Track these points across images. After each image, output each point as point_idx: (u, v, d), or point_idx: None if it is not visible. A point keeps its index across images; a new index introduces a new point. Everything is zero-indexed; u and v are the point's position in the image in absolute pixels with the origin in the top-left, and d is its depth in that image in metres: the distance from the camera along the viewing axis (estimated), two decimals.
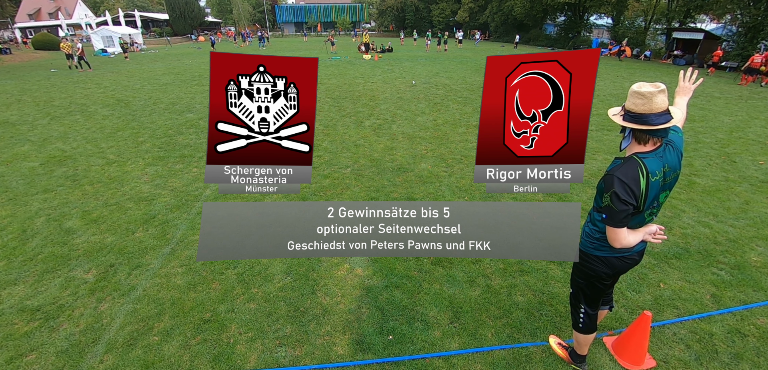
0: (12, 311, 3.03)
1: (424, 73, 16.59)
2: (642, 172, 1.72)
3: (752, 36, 20.51)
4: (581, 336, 2.34)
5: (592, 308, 2.24)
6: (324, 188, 5.25)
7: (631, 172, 1.73)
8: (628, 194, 1.72)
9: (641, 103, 1.71)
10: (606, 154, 6.53)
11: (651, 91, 1.69)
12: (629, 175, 1.73)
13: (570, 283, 2.32)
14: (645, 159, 1.75)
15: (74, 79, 15.30)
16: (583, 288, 2.21)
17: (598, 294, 2.19)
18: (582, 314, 2.26)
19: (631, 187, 1.72)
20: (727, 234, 4.07)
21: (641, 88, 1.71)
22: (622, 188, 1.72)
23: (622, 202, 1.73)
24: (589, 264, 2.09)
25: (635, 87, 1.74)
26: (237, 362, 2.59)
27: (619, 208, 1.74)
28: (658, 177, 1.75)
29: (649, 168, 1.73)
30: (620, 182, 1.73)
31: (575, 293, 2.28)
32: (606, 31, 36.12)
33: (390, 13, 62.40)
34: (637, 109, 1.73)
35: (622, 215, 1.75)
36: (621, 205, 1.73)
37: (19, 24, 48.96)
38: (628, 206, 1.74)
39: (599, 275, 2.08)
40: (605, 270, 2.05)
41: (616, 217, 1.76)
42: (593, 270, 2.08)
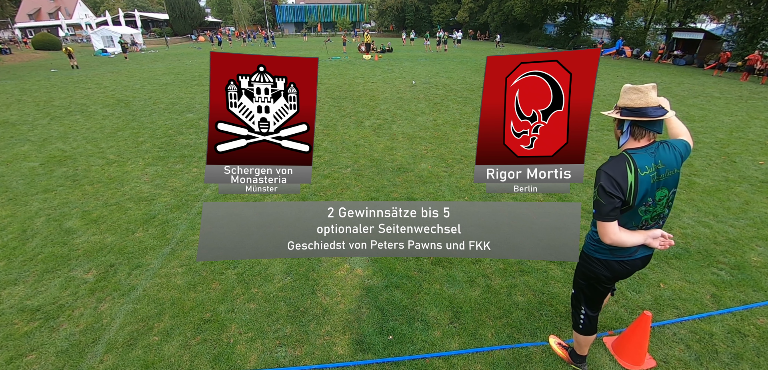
0: (12, 311, 3.03)
1: (424, 73, 16.59)
2: (630, 166, 1.76)
3: (752, 36, 20.50)
4: (581, 337, 2.34)
5: (593, 310, 2.24)
6: (324, 187, 5.25)
7: (619, 167, 1.77)
8: (614, 187, 1.75)
9: (637, 97, 1.76)
10: (606, 154, 6.53)
11: (646, 86, 1.76)
12: (616, 170, 1.77)
13: (573, 284, 2.33)
14: (634, 154, 1.78)
15: (74, 79, 15.30)
16: (584, 289, 2.21)
17: (598, 296, 2.19)
18: (582, 315, 2.26)
19: (617, 180, 1.75)
20: (727, 234, 4.07)
21: (635, 85, 1.79)
22: (608, 180, 1.76)
23: (608, 195, 1.76)
24: (590, 266, 2.10)
25: (628, 85, 1.81)
26: (237, 362, 2.59)
27: (605, 201, 1.78)
28: (648, 172, 1.77)
29: (638, 163, 1.76)
30: (606, 176, 1.77)
31: (576, 295, 2.29)
32: (606, 31, 36.13)
33: (390, 13, 62.40)
34: (633, 103, 1.78)
35: (608, 208, 1.78)
36: (607, 198, 1.77)
37: (19, 24, 48.97)
38: (613, 199, 1.77)
39: (599, 277, 2.08)
40: (605, 273, 2.05)
41: (602, 210, 1.80)
42: (593, 272, 2.09)
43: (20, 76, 16.75)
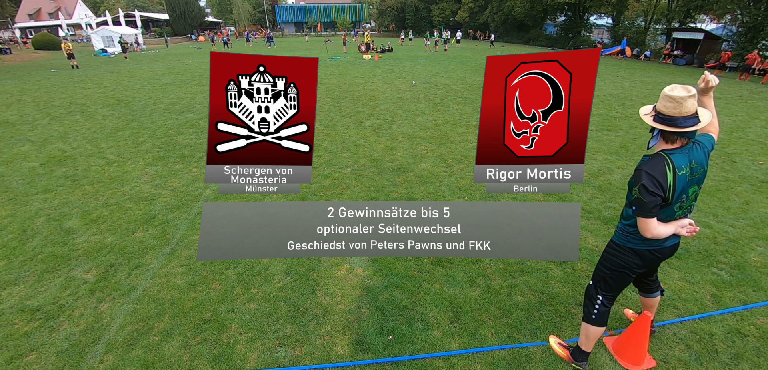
0: (12, 311, 3.03)
1: (424, 73, 16.59)
2: (669, 166, 1.85)
3: (752, 36, 20.50)
4: (592, 329, 2.36)
5: (610, 300, 2.32)
6: (324, 187, 5.25)
7: (659, 167, 1.85)
8: (656, 185, 1.84)
9: (672, 106, 1.82)
10: (606, 154, 6.54)
11: (682, 96, 1.80)
12: (656, 169, 1.85)
13: (592, 275, 2.39)
14: (672, 155, 1.87)
15: (74, 79, 15.30)
16: (606, 278, 2.27)
17: (620, 285, 2.28)
18: (598, 304, 2.31)
19: (659, 179, 1.84)
20: (727, 234, 4.07)
21: (673, 92, 1.82)
22: (650, 180, 1.84)
23: (650, 193, 1.85)
24: (621, 255, 2.18)
25: (668, 90, 1.85)
26: (237, 362, 2.59)
27: (647, 199, 1.86)
28: (684, 171, 1.87)
29: (676, 163, 1.85)
30: (648, 175, 1.85)
31: (595, 285, 2.34)
32: (606, 31, 36.12)
33: (390, 13, 62.40)
34: (667, 111, 1.84)
35: (650, 206, 1.86)
36: (649, 196, 1.85)
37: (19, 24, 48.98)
38: (655, 197, 1.85)
39: (630, 266, 2.17)
40: (636, 262, 2.14)
41: (644, 207, 1.88)
42: (625, 261, 2.17)
43: (20, 76, 16.75)
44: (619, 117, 9.15)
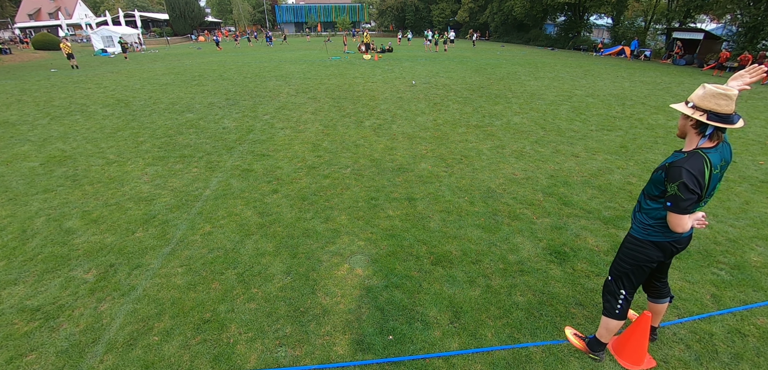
0: (12, 311, 3.03)
1: (424, 73, 16.59)
2: (707, 164, 1.88)
3: (752, 36, 20.51)
4: (613, 323, 2.41)
5: (631, 294, 2.36)
6: (324, 188, 5.25)
7: (698, 165, 1.87)
8: (696, 184, 1.87)
9: (726, 104, 1.83)
10: (606, 154, 6.53)
11: (736, 93, 1.84)
12: (696, 168, 1.87)
13: (610, 272, 2.42)
14: (709, 153, 1.89)
15: (74, 79, 15.31)
16: (628, 273, 2.31)
17: (641, 278, 2.31)
18: (622, 299, 2.36)
19: (698, 178, 1.87)
20: (727, 234, 4.07)
21: (727, 92, 1.82)
22: (691, 178, 1.86)
23: (690, 191, 1.87)
24: (642, 249, 2.21)
25: (718, 89, 1.83)
26: (237, 362, 2.59)
27: (686, 196, 1.88)
28: (717, 170, 1.92)
29: (712, 161, 1.89)
30: (689, 174, 1.86)
31: (615, 280, 2.37)
32: (606, 31, 36.13)
33: (390, 13, 62.42)
34: (721, 109, 1.84)
35: (687, 203, 1.89)
36: (688, 194, 1.87)
37: (19, 24, 49.00)
38: (694, 195, 1.88)
39: (651, 259, 2.20)
40: (657, 254, 2.18)
41: (681, 205, 1.90)
42: (646, 255, 2.20)
43: (20, 76, 16.75)
44: (619, 117, 9.15)
